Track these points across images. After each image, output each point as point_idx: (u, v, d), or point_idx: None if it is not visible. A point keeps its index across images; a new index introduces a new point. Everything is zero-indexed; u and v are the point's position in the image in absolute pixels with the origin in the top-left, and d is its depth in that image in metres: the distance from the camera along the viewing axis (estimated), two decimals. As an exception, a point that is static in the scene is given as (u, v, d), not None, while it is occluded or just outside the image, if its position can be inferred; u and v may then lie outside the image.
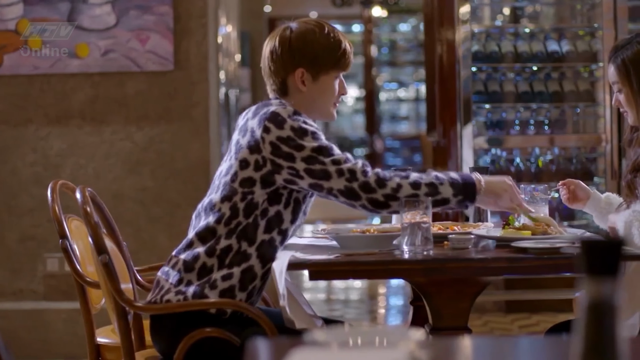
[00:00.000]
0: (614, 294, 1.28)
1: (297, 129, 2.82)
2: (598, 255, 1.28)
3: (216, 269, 2.86)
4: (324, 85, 2.96)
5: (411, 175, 2.87)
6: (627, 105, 3.05)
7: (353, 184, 2.82)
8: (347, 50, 2.98)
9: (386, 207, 2.84)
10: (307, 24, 2.97)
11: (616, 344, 1.27)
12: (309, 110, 2.97)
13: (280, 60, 2.93)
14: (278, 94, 2.97)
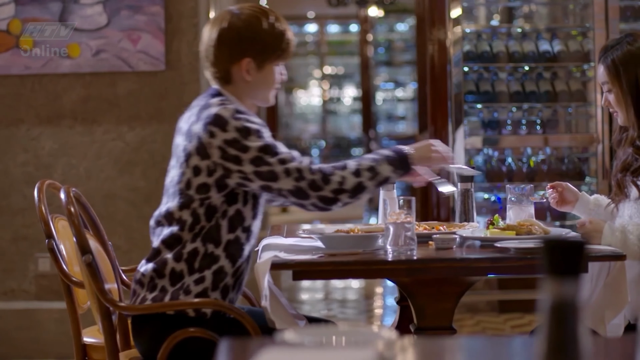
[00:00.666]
0: (576, 294, 1.28)
1: (241, 129, 2.81)
2: (560, 255, 1.28)
3: (187, 273, 2.87)
4: (268, 74, 2.94)
5: (349, 165, 2.88)
6: (617, 106, 3.06)
7: (301, 183, 2.81)
8: (291, 39, 2.97)
9: (335, 202, 2.84)
10: (252, 11, 2.93)
11: (579, 344, 1.27)
12: (251, 97, 2.96)
13: (227, 49, 2.91)
14: (221, 82, 2.95)
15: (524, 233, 2.99)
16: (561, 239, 1.28)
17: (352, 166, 2.87)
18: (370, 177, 2.86)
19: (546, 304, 1.28)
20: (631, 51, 3.02)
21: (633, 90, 3.02)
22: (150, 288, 2.89)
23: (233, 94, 2.94)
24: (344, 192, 2.83)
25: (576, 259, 1.28)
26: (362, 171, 2.86)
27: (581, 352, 1.27)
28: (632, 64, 3.01)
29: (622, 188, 3.05)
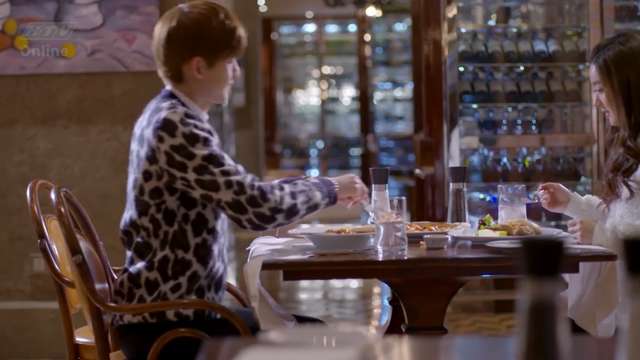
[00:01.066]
0: (555, 294, 1.28)
1: (188, 136, 2.80)
2: (538, 256, 1.28)
3: (162, 282, 2.87)
4: (219, 71, 2.93)
5: (285, 187, 2.89)
6: (608, 105, 3.06)
7: (240, 197, 2.80)
8: (242, 36, 2.95)
9: (272, 220, 2.84)
10: (201, 9, 2.91)
11: (557, 344, 1.27)
12: (203, 95, 2.95)
13: (176, 48, 2.90)
14: (172, 80, 2.94)
15: (515, 233, 2.99)
16: (539, 239, 1.28)
17: (288, 188, 2.88)
18: (304, 202, 2.88)
19: (525, 305, 1.28)
20: (623, 51, 3.02)
21: (624, 91, 3.02)
22: (129, 298, 2.89)
23: (186, 93, 2.93)
24: (280, 212, 2.83)
25: (554, 259, 1.28)
26: (297, 194, 2.87)
27: (560, 353, 1.27)
28: (624, 64, 3.01)
29: (613, 188, 3.06)
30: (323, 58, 15.87)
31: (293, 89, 16.01)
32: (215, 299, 2.97)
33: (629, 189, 3.00)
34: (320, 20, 15.60)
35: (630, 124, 3.02)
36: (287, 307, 6.84)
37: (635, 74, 3.01)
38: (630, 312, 1.29)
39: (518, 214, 3.22)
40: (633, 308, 1.29)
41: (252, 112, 10.59)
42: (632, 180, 3.00)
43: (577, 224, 2.97)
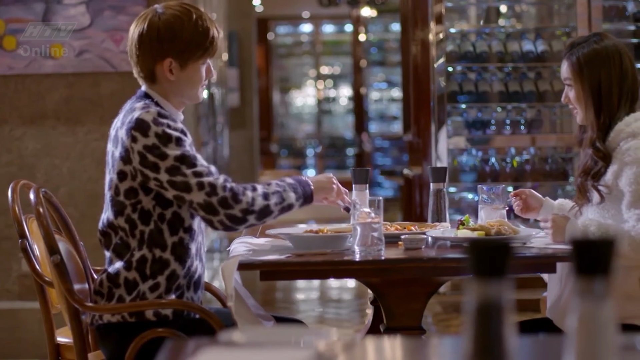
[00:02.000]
0: (501, 295, 1.28)
1: (161, 136, 2.80)
2: (485, 257, 1.28)
3: (140, 281, 2.88)
4: (192, 73, 2.93)
5: (259, 188, 2.88)
6: (577, 103, 3.05)
7: (212, 199, 2.80)
8: (215, 37, 2.94)
9: (243, 222, 2.83)
10: (174, 11, 2.91)
11: (504, 345, 1.28)
12: (177, 95, 2.95)
13: (148, 49, 2.90)
14: (146, 81, 2.95)
15: (493, 234, 2.99)
16: (486, 240, 1.28)
17: (261, 189, 2.87)
18: (277, 203, 2.87)
19: (471, 305, 1.28)
20: (597, 50, 3.01)
21: (595, 91, 3.01)
22: (108, 298, 2.90)
23: (160, 93, 2.94)
24: (252, 213, 2.83)
25: (501, 260, 1.28)
26: (270, 195, 2.87)
27: (506, 353, 1.27)
28: (597, 64, 3.00)
29: (584, 192, 3.04)
30: (320, 58, 15.87)
31: (290, 89, 16.02)
32: (194, 299, 2.97)
33: (600, 193, 2.98)
34: (317, 20, 15.61)
35: (599, 124, 3.01)
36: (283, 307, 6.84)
37: (607, 75, 2.99)
38: (580, 313, 1.29)
39: (498, 214, 3.22)
40: (582, 309, 1.29)
41: (247, 112, 10.59)
42: (602, 185, 2.98)
43: (549, 222, 2.97)
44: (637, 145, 2.92)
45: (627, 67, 3.02)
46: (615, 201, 2.96)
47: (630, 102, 3.01)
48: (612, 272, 1.29)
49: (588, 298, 1.28)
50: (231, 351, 1.56)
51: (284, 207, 2.90)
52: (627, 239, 2.87)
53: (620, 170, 2.93)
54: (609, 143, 2.99)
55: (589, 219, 2.98)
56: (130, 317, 2.88)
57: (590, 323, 1.28)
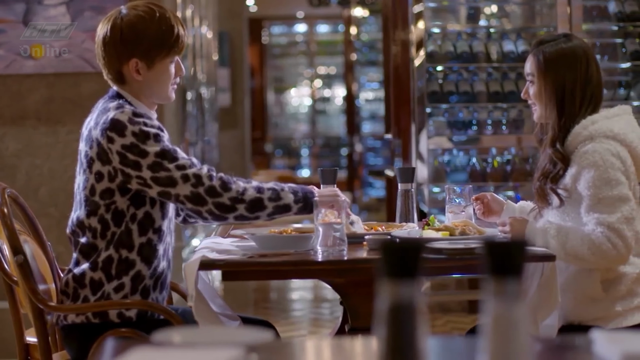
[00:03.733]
0: (413, 296, 1.29)
1: (138, 134, 2.81)
2: (397, 258, 1.29)
3: (106, 281, 2.89)
4: (160, 71, 2.94)
5: (254, 181, 2.89)
6: (536, 100, 3.05)
7: (199, 189, 2.81)
8: (180, 34, 2.95)
9: (233, 210, 2.84)
10: (137, 11, 2.92)
11: (416, 345, 1.28)
12: (148, 95, 2.96)
13: (112, 51, 2.92)
14: (115, 82, 2.97)
15: (457, 234, 2.99)
16: (399, 242, 1.29)
17: (255, 183, 2.89)
18: (271, 198, 2.87)
19: (384, 306, 1.29)
20: (564, 50, 3.01)
21: (558, 91, 3.01)
22: (74, 298, 2.91)
23: (131, 94, 2.95)
24: (242, 203, 2.83)
25: (412, 261, 1.29)
26: (265, 190, 2.87)
27: (418, 354, 1.28)
28: (562, 64, 3.00)
29: (544, 196, 3.04)
30: (314, 58, 15.88)
31: (284, 89, 16.03)
32: (159, 299, 2.98)
33: (559, 197, 2.98)
34: (311, 20, 15.62)
35: (560, 126, 3.01)
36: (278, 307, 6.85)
37: (572, 77, 2.99)
38: (492, 313, 1.30)
39: (465, 215, 3.22)
40: (495, 309, 1.30)
41: (239, 112, 10.59)
42: (561, 188, 2.98)
43: (507, 225, 2.97)
44: (594, 149, 2.92)
45: (592, 72, 3.02)
46: (574, 204, 2.96)
47: (592, 107, 3.01)
48: (523, 274, 1.30)
49: (501, 299, 1.29)
50: (161, 351, 1.57)
51: (280, 206, 2.88)
52: (586, 243, 2.87)
53: (579, 173, 2.94)
54: (567, 146, 2.99)
55: (548, 221, 2.98)
56: (94, 317, 2.89)
57: (504, 324, 1.29)
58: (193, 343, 1.60)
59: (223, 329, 1.74)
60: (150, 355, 1.54)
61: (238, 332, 1.68)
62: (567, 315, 3.03)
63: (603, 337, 1.60)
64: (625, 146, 2.96)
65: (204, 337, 1.64)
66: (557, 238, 2.90)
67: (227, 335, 1.62)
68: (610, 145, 2.94)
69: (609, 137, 2.95)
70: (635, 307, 2.98)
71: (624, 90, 5.85)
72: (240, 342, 1.56)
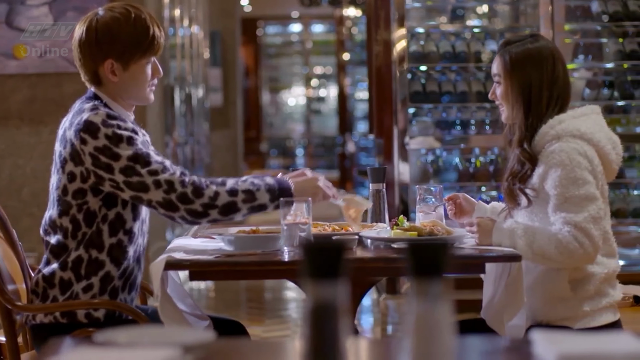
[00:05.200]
0: (335, 297, 1.29)
1: (111, 137, 2.81)
2: (319, 259, 1.29)
3: (75, 281, 2.89)
4: (136, 72, 2.94)
5: (227, 183, 2.86)
6: (503, 100, 3.04)
7: (171, 196, 2.80)
8: (156, 35, 2.95)
9: (205, 216, 2.83)
10: (112, 12, 2.93)
11: (338, 346, 1.29)
12: (125, 97, 2.96)
13: (88, 52, 2.92)
14: (92, 83, 2.97)
15: (425, 234, 2.99)
16: (320, 243, 1.30)
17: (229, 184, 2.86)
18: (245, 200, 2.85)
19: (306, 307, 1.30)
20: (530, 50, 3.01)
21: (525, 91, 3.00)
22: (43, 298, 2.92)
23: (107, 95, 2.96)
24: (214, 208, 2.82)
25: (335, 262, 1.29)
26: (239, 192, 2.85)
27: (339, 354, 1.29)
28: (529, 64, 2.99)
29: (513, 196, 3.03)
30: (309, 58, 15.89)
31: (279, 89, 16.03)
32: (128, 300, 2.98)
33: (527, 197, 2.98)
34: (306, 19, 15.62)
35: (527, 126, 3.00)
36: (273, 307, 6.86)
37: (538, 77, 2.99)
38: (415, 314, 1.31)
39: (436, 215, 3.22)
40: (418, 310, 1.31)
41: (231, 112, 10.60)
42: (529, 188, 2.98)
43: (475, 226, 2.97)
44: (561, 148, 2.92)
45: (559, 72, 3.01)
46: (542, 204, 2.96)
47: (559, 107, 3.01)
48: (446, 274, 1.30)
49: (423, 299, 1.30)
50: (99, 351, 1.57)
51: (255, 207, 2.87)
52: (554, 242, 2.87)
53: (546, 173, 2.93)
54: (534, 145, 2.99)
55: (515, 221, 2.98)
56: (62, 317, 2.90)
57: (426, 324, 1.30)
58: (132, 343, 1.60)
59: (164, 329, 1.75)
60: (88, 355, 1.55)
61: (177, 332, 1.68)
62: (535, 315, 3.03)
63: (541, 338, 1.60)
64: (593, 145, 2.96)
65: (143, 337, 1.64)
66: (524, 238, 2.89)
67: (165, 335, 1.63)
68: (577, 145, 2.93)
69: (576, 136, 2.95)
70: (603, 307, 2.98)
71: (607, 90, 5.85)
72: (177, 343, 1.57)
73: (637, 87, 5.83)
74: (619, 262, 3.09)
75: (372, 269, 2.92)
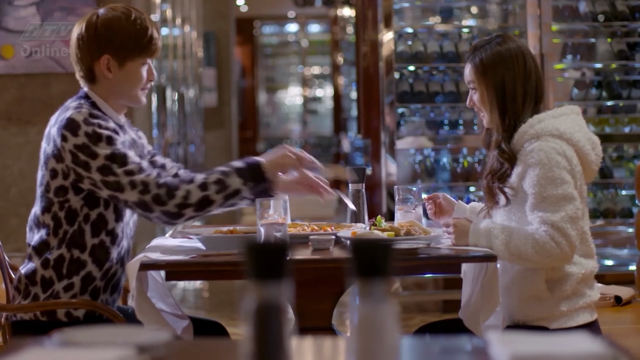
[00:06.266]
0: (278, 297, 1.30)
1: (91, 135, 2.83)
2: (262, 259, 1.30)
3: (56, 280, 2.91)
4: (131, 72, 2.96)
5: (196, 178, 2.86)
6: (482, 105, 3.03)
7: (146, 197, 2.81)
8: (154, 37, 2.98)
9: (180, 216, 2.84)
10: (114, 11, 2.97)
11: (281, 346, 1.29)
12: (117, 96, 2.98)
13: (86, 46, 2.95)
14: (86, 80, 2.99)
15: (403, 234, 2.99)
16: (262, 244, 1.30)
17: (199, 180, 2.86)
18: (218, 190, 2.85)
19: (251, 307, 1.30)
20: (500, 52, 3.00)
21: (499, 92, 3.00)
22: (24, 295, 2.93)
23: (100, 94, 2.98)
24: (189, 207, 2.83)
25: (277, 263, 1.30)
26: (209, 184, 2.85)
27: (284, 354, 1.29)
28: (500, 65, 2.99)
29: (491, 195, 3.04)
30: (306, 57, 15.89)
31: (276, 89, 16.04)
32: (109, 301, 2.99)
33: (505, 196, 2.98)
34: (303, 19, 15.62)
35: (504, 126, 3.00)
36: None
37: (511, 76, 2.99)
38: (359, 314, 1.31)
39: (414, 214, 3.23)
40: (362, 310, 1.31)
41: (225, 112, 10.60)
42: (508, 187, 2.98)
43: (451, 227, 2.97)
44: (540, 147, 2.92)
45: (530, 68, 3.01)
46: (521, 203, 2.96)
47: (534, 103, 3.01)
48: (390, 275, 1.31)
49: (367, 300, 1.30)
50: (54, 350, 1.58)
51: (229, 194, 2.86)
52: (530, 242, 2.87)
53: (524, 172, 2.93)
54: (513, 145, 2.99)
55: (492, 222, 2.98)
56: (42, 316, 2.91)
57: (370, 324, 1.30)
58: (89, 343, 1.61)
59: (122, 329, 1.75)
60: (42, 354, 1.56)
61: (135, 332, 1.69)
62: (513, 315, 3.03)
63: (495, 339, 1.61)
64: (572, 145, 2.96)
65: (101, 336, 1.65)
66: (500, 238, 2.90)
67: (123, 335, 1.64)
68: (556, 144, 2.93)
69: (555, 135, 2.95)
70: (580, 307, 2.98)
71: (596, 90, 5.86)
72: (133, 343, 1.57)
73: (625, 87, 5.84)
74: (598, 263, 3.09)
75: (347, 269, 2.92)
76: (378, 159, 5.55)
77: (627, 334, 3.37)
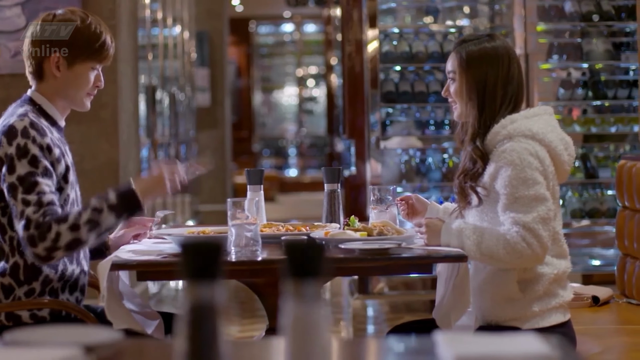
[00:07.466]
0: (213, 297, 1.30)
1: (20, 148, 2.81)
2: (197, 259, 1.30)
3: (16, 286, 2.90)
4: (78, 74, 2.96)
5: (70, 217, 2.78)
6: (457, 97, 3.04)
7: (24, 234, 2.77)
8: (107, 43, 2.98)
9: (49, 259, 2.77)
10: (72, 13, 2.99)
11: (216, 346, 1.30)
12: (62, 97, 2.98)
13: (39, 42, 2.95)
14: (34, 76, 3.00)
15: (375, 234, 3.00)
16: (198, 243, 1.30)
17: (71, 219, 2.78)
18: (90, 229, 2.78)
19: (185, 307, 1.30)
20: (487, 49, 3.01)
21: (480, 89, 2.99)
22: None
23: (45, 94, 2.98)
24: (57, 250, 2.76)
25: (211, 263, 1.30)
26: (81, 226, 2.78)
27: (218, 354, 1.30)
28: (485, 62, 2.99)
29: (464, 195, 3.04)
30: (301, 58, 15.89)
31: (272, 89, 16.05)
32: (71, 300, 2.99)
33: (478, 196, 2.98)
34: (298, 19, 15.62)
35: (480, 122, 3.01)
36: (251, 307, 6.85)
37: (493, 75, 2.99)
38: (292, 315, 1.31)
39: (389, 215, 3.23)
40: (295, 311, 1.31)
41: (219, 112, 10.61)
42: (480, 187, 2.98)
43: (423, 227, 2.98)
44: (512, 148, 2.92)
45: (514, 72, 3.02)
46: (493, 204, 2.96)
47: (512, 107, 3.01)
48: (322, 276, 1.31)
49: (299, 300, 1.31)
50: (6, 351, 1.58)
51: (102, 232, 2.83)
52: (502, 242, 2.87)
53: (497, 172, 2.94)
54: (486, 144, 2.99)
55: (464, 222, 2.98)
56: (7, 320, 2.90)
57: (302, 325, 1.30)
58: (36, 343, 1.61)
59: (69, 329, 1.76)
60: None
61: (83, 332, 1.69)
62: (485, 316, 3.03)
63: (441, 339, 1.61)
64: (545, 146, 2.96)
65: (48, 337, 1.65)
66: (472, 238, 2.90)
67: (70, 335, 1.64)
68: (528, 145, 2.94)
69: (528, 136, 2.95)
70: (552, 308, 2.98)
71: (582, 90, 5.86)
72: (81, 343, 1.58)
73: (611, 87, 5.84)
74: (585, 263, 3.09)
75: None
76: (363, 159, 5.55)
77: (602, 334, 3.37)
